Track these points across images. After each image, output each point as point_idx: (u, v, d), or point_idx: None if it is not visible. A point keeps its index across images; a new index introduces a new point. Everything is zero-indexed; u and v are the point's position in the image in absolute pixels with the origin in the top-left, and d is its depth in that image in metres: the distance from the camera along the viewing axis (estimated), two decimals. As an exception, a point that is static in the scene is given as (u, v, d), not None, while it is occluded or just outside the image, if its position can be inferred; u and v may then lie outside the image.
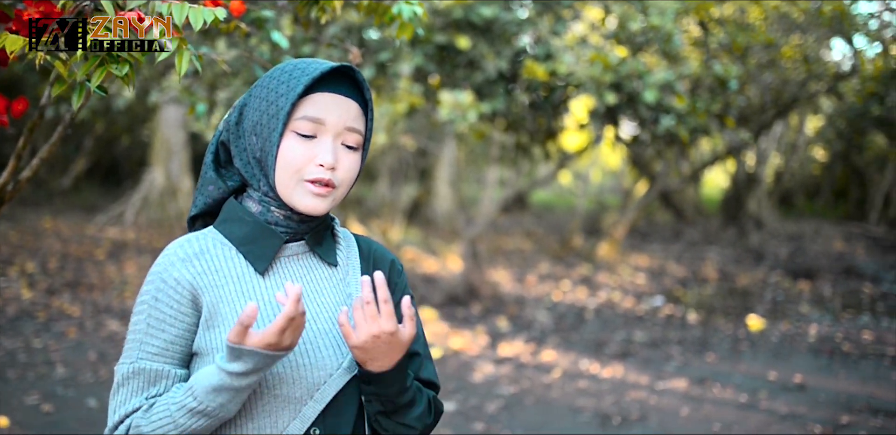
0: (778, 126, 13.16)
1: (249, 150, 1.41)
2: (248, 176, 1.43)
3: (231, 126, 1.44)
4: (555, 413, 4.78)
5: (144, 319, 1.38)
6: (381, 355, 1.35)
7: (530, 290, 8.39)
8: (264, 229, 1.42)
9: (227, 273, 1.40)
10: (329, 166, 1.37)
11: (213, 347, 1.37)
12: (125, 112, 11.97)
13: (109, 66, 1.47)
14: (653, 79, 5.65)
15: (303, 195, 1.38)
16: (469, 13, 5.74)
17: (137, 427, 1.33)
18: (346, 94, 1.41)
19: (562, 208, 17.19)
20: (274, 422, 1.38)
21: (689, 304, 7.94)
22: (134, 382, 1.36)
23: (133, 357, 1.37)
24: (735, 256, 11.03)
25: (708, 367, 5.79)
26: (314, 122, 1.37)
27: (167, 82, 5.94)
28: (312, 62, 1.41)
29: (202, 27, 1.51)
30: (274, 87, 1.39)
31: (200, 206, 1.48)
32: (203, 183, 1.47)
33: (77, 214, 12.24)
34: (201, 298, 1.38)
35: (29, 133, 2.12)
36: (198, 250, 1.41)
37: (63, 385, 4.87)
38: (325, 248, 1.48)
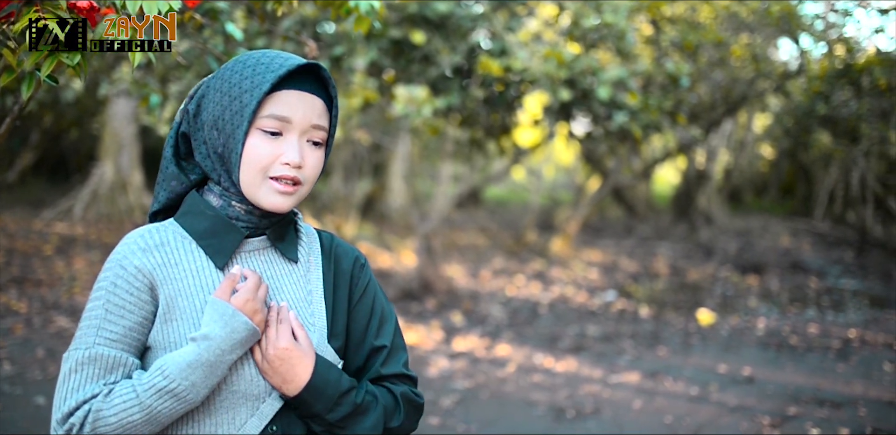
0: (727, 123, 13.38)
1: (210, 145, 1.38)
2: (209, 170, 1.40)
3: (189, 117, 1.41)
4: (510, 407, 4.81)
5: (102, 304, 1.34)
6: (288, 375, 1.36)
7: (484, 285, 8.42)
8: (225, 224, 1.40)
9: (186, 267, 1.38)
10: (295, 165, 1.36)
11: (171, 341, 1.35)
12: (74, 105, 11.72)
13: (60, 55, 1.44)
14: (606, 76, 5.71)
15: (268, 193, 1.36)
16: (424, 8, 5.73)
17: (98, 411, 1.28)
18: (311, 90, 1.39)
19: (515, 204, 17.28)
20: (232, 418, 1.36)
21: (641, 298, 8.05)
22: (89, 369, 1.31)
23: (89, 343, 1.32)
24: (685, 251, 11.20)
25: (660, 360, 5.87)
26: (280, 121, 1.35)
27: (118, 74, 5.84)
28: (276, 56, 1.38)
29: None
30: (237, 82, 1.35)
31: (163, 202, 1.46)
32: (165, 178, 1.44)
33: (23, 209, 11.97)
34: (158, 289, 1.36)
35: (-24, 124, 2.07)
36: (158, 242, 1.38)
37: (10, 383, 4.77)
38: (287, 243, 1.47)
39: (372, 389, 1.47)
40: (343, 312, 1.50)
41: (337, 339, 1.48)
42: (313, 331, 1.44)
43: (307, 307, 1.46)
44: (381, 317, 1.54)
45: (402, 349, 1.55)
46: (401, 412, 1.47)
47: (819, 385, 5.30)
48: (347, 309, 1.51)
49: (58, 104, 10.34)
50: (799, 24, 8.86)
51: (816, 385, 5.30)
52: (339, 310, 1.50)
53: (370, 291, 1.55)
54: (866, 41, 8.68)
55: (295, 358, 1.36)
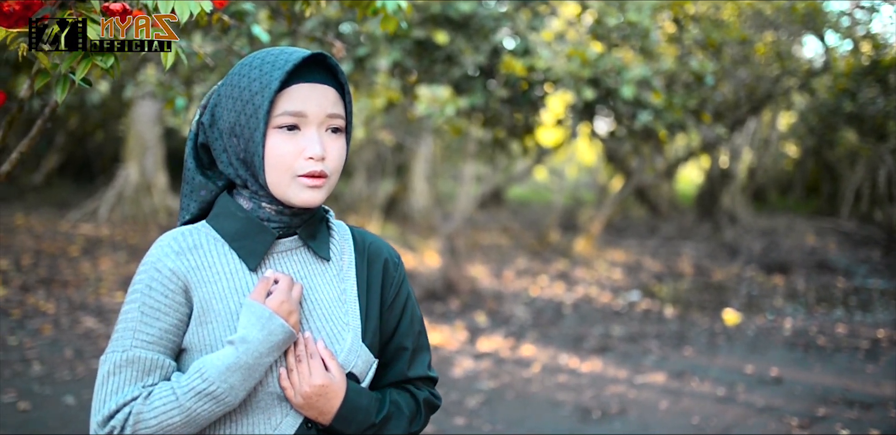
0: (751, 122, 13.27)
1: (231, 152, 1.38)
2: (234, 176, 1.40)
3: (206, 128, 1.41)
4: (535, 407, 4.80)
5: (138, 307, 1.34)
6: (325, 408, 1.38)
7: (508, 285, 8.41)
8: (256, 225, 1.39)
9: (220, 269, 1.38)
10: (318, 158, 1.35)
11: (206, 344, 1.35)
12: (99, 107, 11.83)
13: (94, 57, 1.45)
14: (630, 74, 5.68)
15: (298, 190, 1.35)
16: (447, 8, 5.73)
17: (138, 414, 1.29)
18: (321, 81, 1.37)
19: (538, 204, 17.24)
20: (268, 418, 1.37)
21: (666, 298, 8.00)
22: (128, 371, 1.32)
23: (126, 345, 1.33)
24: (710, 250, 11.13)
25: (685, 361, 5.83)
26: (296, 116, 1.34)
27: (142, 77, 5.88)
28: (280, 53, 1.37)
29: (188, 19, 1.49)
30: (246, 85, 1.34)
31: (194, 212, 1.46)
32: (193, 189, 1.44)
33: (50, 211, 12.09)
34: (193, 292, 1.36)
35: (8, 127, 2.09)
36: (191, 245, 1.39)
37: (39, 383, 4.81)
38: (319, 242, 1.46)
39: (395, 398, 1.48)
40: (376, 309, 1.50)
41: (370, 337, 1.48)
42: (347, 329, 1.44)
43: (341, 306, 1.46)
44: (410, 317, 1.55)
45: (426, 350, 1.57)
46: (421, 417, 1.51)
47: (848, 386, 5.25)
48: (380, 307, 1.51)
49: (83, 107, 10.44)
50: (824, 21, 8.78)
51: (845, 386, 5.24)
52: (372, 308, 1.49)
53: (404, 290, 1.55)
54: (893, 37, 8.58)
55: (331, 392, 1.37)
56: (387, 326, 1.52)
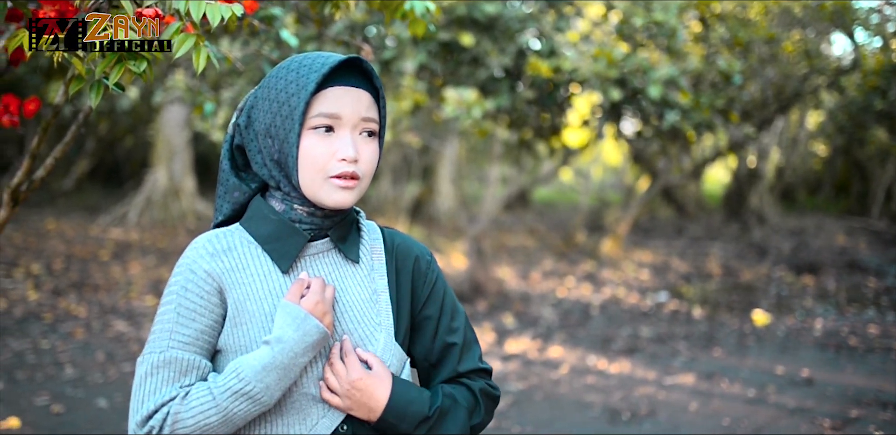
0: (779, 121, 13.16)
1: (266, 153, 1.40)
2: (267, 178, 1.42)
3: (241, 129, 1.43)
4: (564, 409, 4.79)
5: (174, 308, 1.37)
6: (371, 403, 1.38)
7: (535, 286, 8.39)
8: (288, 228, 1.41)
9: (253, 271, 1.40)
10: (351, 159, 1.37)
11: (241, 345, 1.37)
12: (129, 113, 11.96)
13: (127, 62, 1.47)
14: (657, 74, 5.65)
15: (330, 192, 1.37)
16: (472, 10, 5.74)
17: (176, 414, 1.31)
18: (356, 84, 1.39)
19: (564, 205, 17.20)
20: (303, 419, 1.38)
21: (694, 299, 7.95)
22: (165, 372, 1.34)
23: (162, 346, 1.35)
24: (738, 251, 11.04)
25: (715, 362, 5.79)
26: (330, 118, 1.36)
27: (171, 82, 5.94)
28: (317, 57, 1.39)
29: (220, 24, 1.51)
30: (283, 87, 1.37)
31: (227, 213, 1.47)
32: (227, 190, 1.46)
33: (80, 215, 12.24)
34: (227, 293, 1.38)
35: (43, 132, 2.12)
36: (226, 247, 1.41)
37: (72, 386, 4.87)
38: (349, 244, 1.47)
39: (449, 391, 1.47)
40: (407, 308, 1.51)
41: (402, 336, 1.49)
42: (380, 330, 1.45)
43: (373, 306, 1.47)
44: (451, 312, 1.55)
45: (474, 343, 1.56)
46: (481, 408, 1.49)
47: (881, 387, 5.18)
48: (412, 306, 1.52)
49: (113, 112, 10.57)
50: (853, 18, 8.69)
51: (878, 387, 5.18)
52: (403, 307, 1.50)
53: (439, 287, 1.55)
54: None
55: (371, 385, 1.38)
56: (427, 323, 1.52)
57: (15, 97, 2.44)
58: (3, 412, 4.36)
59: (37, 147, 2.11)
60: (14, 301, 6.89)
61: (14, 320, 6.29)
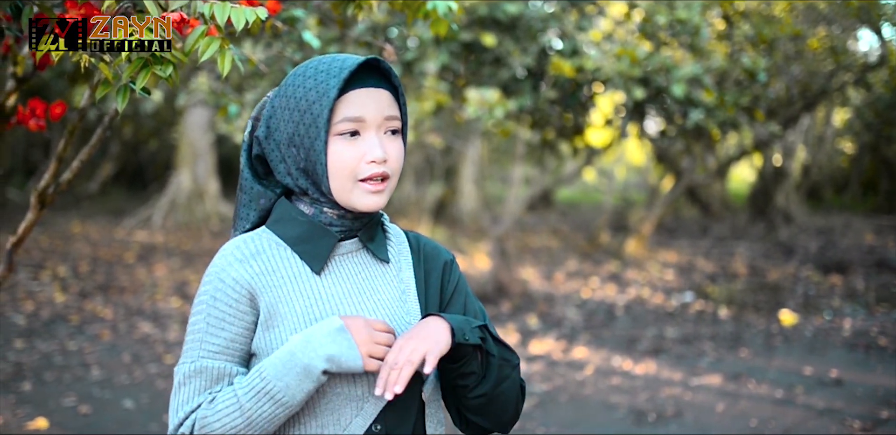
0: (805, 119, 13.03)
1: (290, 162, 1.39)
2: (293, 186, 1.41)
3: (261, 140, 1.42)
4: (589, 410, 4.76)
5: (204, 318, 1.37)
6: (436, 335, 1.35)
7: (559, 287, 8.36)
8: (318, 229, 1.41)
9: (284, 273, 1.40)
10: (381, 161, 1.37)
11: (274, 348, 1.37)
12: (152, 116, 12.05)
13: (154, 67, 1.47)
14: (680, 73, 5.61)
15: (361, 196, 1.37)
16: (494, 10, 5.72)
17: (203, 418, 1.32)
18: (375, 85, 1.38)
19: (587, 205, 17.13)
20: (336, 419, 1.38)
21: (720, 299, 7.88)
22: (196, 381, 1.35)
23: (194, 356, 1.36)
24: (764, 250, 10.94)
25: (742, 362, 5.74)
26: (355, 122, 1.36)
27: (194, 85, 5.97)
28: (333, 61, 1.38)
29: (244, 27, 1.51)
30: (303, 95, 1.35)
31: (254, 221, 1.47)
32: (252, 198, 1.45)
33: (105, 218, 12.35)
34: (259, 298, 1.38)
35: (69, 136, 2.13)
36: (254, 251, 1.40)
37: (99, 387, 4.91)
38: (377, 244, 1.48)
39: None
40: (435, 308, 1.52)
41: None
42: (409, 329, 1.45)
43: (402, 306, 1.47)
44: (474, 313, 1.55)
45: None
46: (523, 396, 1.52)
47: (912, 387, 5.12)
48: (439, 306, 1.53)
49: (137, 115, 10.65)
50: (880, 14, 8.58)
51: (909, 387, 5.11)
52: (430, 307, 1.51)
53: (461, 288, 1.56)
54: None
55: (420, 329, 1.36)
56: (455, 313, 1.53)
57: (41, 101, 2.47)
58: (31, 413, 4.41)
59: (63, 151, 2.12)
60: (41, 303, 6.96)
61: (42, 322, 6.36)
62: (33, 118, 2.52)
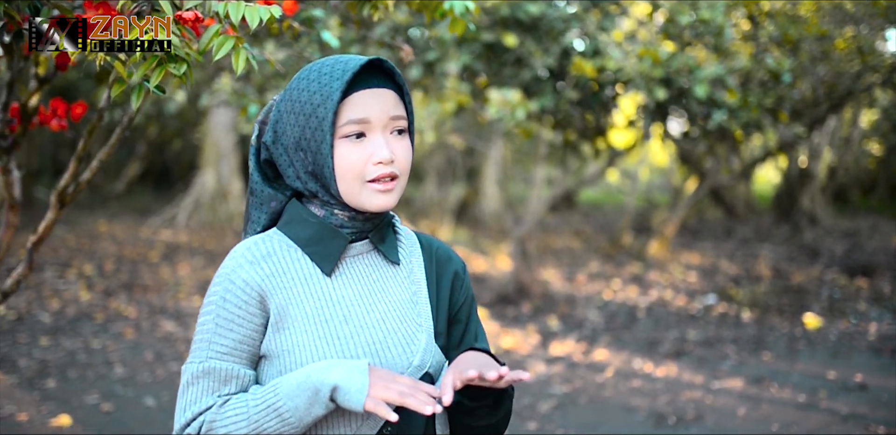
0: (831, 120, 12.89)
1: (299, 166, 1.39)
2: (303, 189, 1.41)
3: (269, 145, 1.42)
4: (608, 412, 4.73)
5: (213, 319, 1.37)
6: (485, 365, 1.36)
7: (581, 288, 8.33)
8: (329, 230, 1.41)
9: (295, 275, 1.40)
10: (387, 161, 1.36)
11: (284, 350, 1.37)
12: (176, 116, 12.14)
13: (168, 65, 1.48)
14: (703, 73, 5.57)
15: (370, 196, 1.37)
16: (516, 10, 5.71)
17: (211, 422, 1.33)
18: (379, 85, 1.38)
19: (610, 207, 17.05)
20: (347, 422, 1.37)
21: (743, 302, 7.81)
22: (204, 382, 1.36)
23: (202, 356, 1.37)
24: (789, 253, 10.83)
25: (764, 366, 5.68)
26: (360, 124, 1.35)
27: (217, 85, 6.01)
28: (336, 62, 1.38)
29: (258, 26, 1.51)
30: (307, 99, 1.35)
31: (265, 224, 1.47)
32: (262, 201, 1.46)
33: (131, 218, 12.46)
34: (269, 300, 1.38)
35: (88, 136, 2.15)
36: (265, 252, 1.40)
37: (122, 384, 4.95)
38: (388, 245, 1.47)
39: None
40: (445, 312, 1.51)
41: (440, 338, 1.49)
42: (421, 331, 1.45)
43: (413, 308, 1.47)
44: (477, 320, 1.58)
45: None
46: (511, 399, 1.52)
47: (938, 393, 5.04)
48: (449, 309, 1.53)
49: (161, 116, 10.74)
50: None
51: (935, 393, 5.04)
52: (441, 310, 1.51)
53: (469, 302, 1.57)
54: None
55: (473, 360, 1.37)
56: (456, 327, 1.54)
57: (63, 101, 2.49)
58: (55, 410, 4.46)
59: (82, 150, 2.14)
60: (67, 301, 7.03)
61: (67, 320, 6.42)
62: (55, 118, 2.55)
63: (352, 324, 1.39)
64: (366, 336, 1.40)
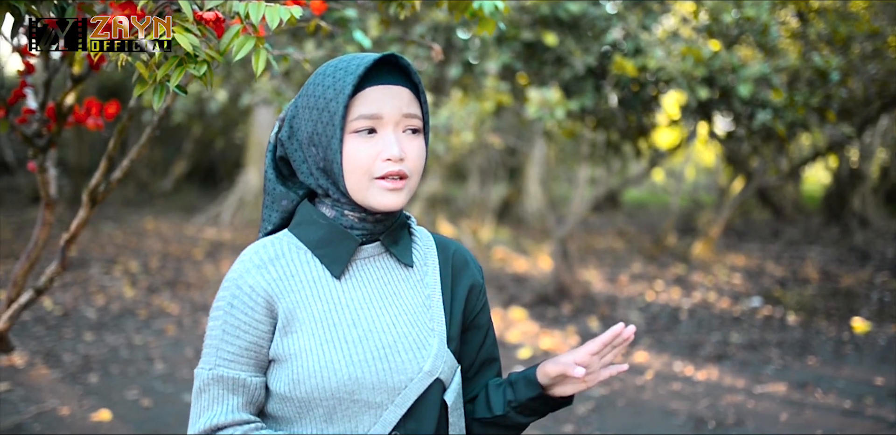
0: (884, 120, 12.58)
1: (311, 162, 1.38)
2: (315, 186, 1.40)
3: (284, 141, 1.42)
4: (647, 416, 4.67)
5: (220, 325, 1.37)
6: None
7: (622, 289, 8.24)
8: (339, 232, 1.39)
9: (303, 278, 1.38)
10: (396, 159, 1.34)
11: (291, 354, 1.35)
12: (219, 115, 12.27)
13: (188, 65, 1.48)
14: (747, 72, 5.46)
15: (378, 194, 1.35)
16: (556, 9, 5.66)
17: None
18: (394, 82, 1.37)
19: (655, 207, 16.86)
20: (354, 427, 1.36)
21: (789, 305, 7.66)
22: (214, 389, 1.36)
23: (211, 363, 1.37)
24: (838, 255, 10.60)
25: (809, 370, 5.56)
26: (371, 119, 1.34)
27: (258, 84, 6.06)
28: (352, 58, 1.37)
29: (278, 26, 1.50)
30: (321, 94, 1.35)
31: (276, 223, 1.47)
32: (274, 199, 1.45)
33: (177, 215, 12.64)
34: (277, 304, 1.36)
35: (118, 135, 2.17)
36: (273, 255, 1.39)
37: (162, 380, 5.01)
38: (401, 247, 1.45)
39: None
40: (459, 316, 1.49)
41: (453, 343, 1.47)
42: (433, 335, 1.42)
43: (426, 311, 1.44)
44: (493, 328, 1.57)
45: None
46: None
47: None
48: (464, 315, 1.50)
49: (204, 115, 10.86)
50: (963, 11, 8.23)
51: None
52: (455, 314, 1.48)
53: (487, 310, 1.57)
54: None
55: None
56: (475, 333, 1.53)
57: (96, 101, 2.52)
58: (96, 404, 4.53)
59: (113, 150, 2.16)
60: (112, 297, 7.15)
61: (111, 316, 6.53)
62: (90, 117, 2.58)
63: (360, 328, 1.37)
64: (375, 340, 1.37)
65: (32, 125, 2.46)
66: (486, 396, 1.51)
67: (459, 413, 1.46)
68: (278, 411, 1.39)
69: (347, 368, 1.33)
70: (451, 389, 1.43)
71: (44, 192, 2.48)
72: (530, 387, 1.46)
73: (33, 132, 2.41)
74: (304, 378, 1.33)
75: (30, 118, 2.49)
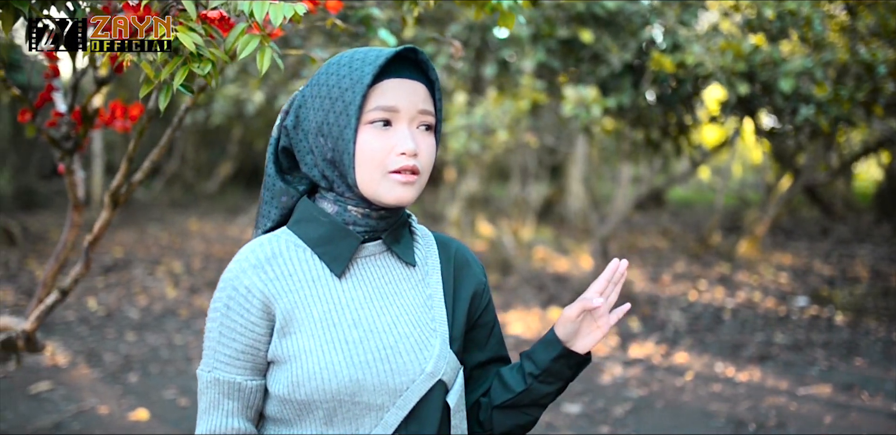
0: (938, 114, 12.23)
1: (318, 153, 1.35)
2: (319, 179, 1.37)
3: (290, 131, 1.39)
4: (686, 417, 4.59)
5: (217, 326, 1.35)
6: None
7: (664, 289, 8.12)
8: (341, 230, 1.36)
9: (302, 276, 1.36)
10: (412, 153, 1.32)
11: (290, 355, 1.33)
12: (258, 117, 12.35)
13: (192, 64, 1.47)
14: (789, 66, 5.34)
15: (390, 187, 1.32)
16: (592, 6, 5.59)
17: None
18: (411, 77, 1.35)
19: (701, 205, 16.62)
20: (355, 429, 1.34)
21: (837, 304, 7.49)
22: (212, 391, 1.36)
23: (209, 365, 1.37)
24: (890, 253, 10.33)
25: (856, 372, 5.42)
26: (388, 111, 1.31)
27: (293, 86, 6.09)
28: (370, 50, 1.35)
29: (282, 23, 1.49)
30: (335, 83, 1.32)
31: (276, 219, 1.44)
32: (273, 195, 1.42)
33: (221, 216, 12.78)
34: (274, 305, 1.34)
35: (138, 136, 2.18)
36: (269, 254, 1.36)
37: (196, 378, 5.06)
38: (403, 246, 1.43)
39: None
40: (462, 316, 1.46)
41: (456, 343, 1.44)
42: (435, 336, 1.40)
43: (427, 311, 1.41)
44: (499, 326, 1.53)
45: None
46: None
47: None
48: (469, 314, 1.47)
49: (242, 117, 10.95)
50: None
51: None
52: (458, 314, 1.45)
53: (493, 308, 1.54)
54: None
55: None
56: (480, 331, 1.50)
57: (121, 104, 2.54)
58: (134, 404, 4.58)
59: (132, 151, 2.17)
60: (154, 298, 7.24)
61: (153, 316, 6.61)
62: (116, 120, 2.60)
63: (361, 328, 1.34)
64: (376, 341, 1.34)
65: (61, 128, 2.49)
66: (502, 381, 1.48)
67: (462, 415, 1.43)
68: (278, 413, 1.37)
69: (348, 370, 1.31)
70: (453, 390, 1.40)
71: (72, 195, 2.51)
72: (550, 347, 1.43)
73: (62, 135, 2.44)
74: (304, 380, 1.31)
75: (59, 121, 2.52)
